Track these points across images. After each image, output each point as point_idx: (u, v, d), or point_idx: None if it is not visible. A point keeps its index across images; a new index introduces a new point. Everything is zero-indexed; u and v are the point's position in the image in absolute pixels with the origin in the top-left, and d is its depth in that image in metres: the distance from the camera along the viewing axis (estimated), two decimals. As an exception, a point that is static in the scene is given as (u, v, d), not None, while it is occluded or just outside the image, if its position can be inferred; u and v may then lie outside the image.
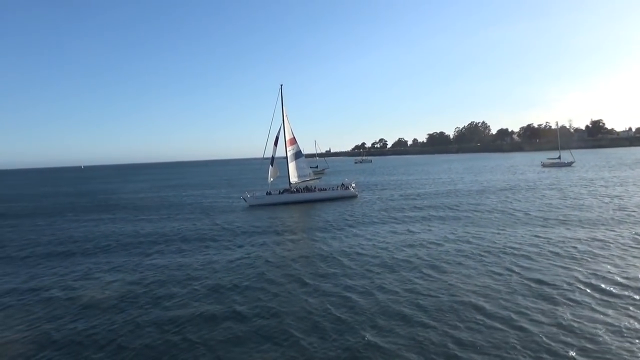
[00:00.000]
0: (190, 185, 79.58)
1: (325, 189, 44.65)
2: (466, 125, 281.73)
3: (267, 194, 43.30)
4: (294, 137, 45.19)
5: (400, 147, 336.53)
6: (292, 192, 43.76)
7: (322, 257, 19.31)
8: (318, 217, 32.42)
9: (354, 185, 46.37)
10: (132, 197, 58.03)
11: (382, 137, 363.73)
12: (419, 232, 24.34)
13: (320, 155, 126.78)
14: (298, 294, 14.54)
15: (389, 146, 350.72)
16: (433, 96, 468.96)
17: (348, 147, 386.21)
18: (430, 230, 24.90)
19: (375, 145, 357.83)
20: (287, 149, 44.51)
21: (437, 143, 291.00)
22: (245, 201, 42.71)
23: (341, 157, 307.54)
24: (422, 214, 31.65)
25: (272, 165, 43.43)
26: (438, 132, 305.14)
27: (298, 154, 45.37)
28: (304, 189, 44.22)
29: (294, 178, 44.88)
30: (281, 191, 43.92)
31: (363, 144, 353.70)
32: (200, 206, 44.00)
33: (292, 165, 44.99)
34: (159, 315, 13.10)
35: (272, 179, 44.10)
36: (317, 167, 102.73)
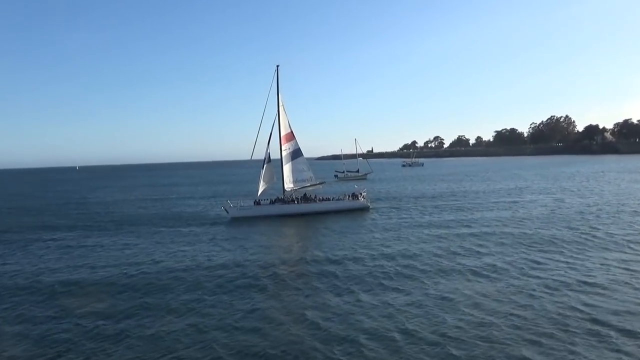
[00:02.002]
0: (179, 192, 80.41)
1: (329, 199, 43.11)
2: (544, 120, 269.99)
3: (254, 203, 41.35)
4: (292, 132, 42.98)
5: (461, 147, 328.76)
6: (286, 202, 41.68)
7: (316, 316, 15.95)
8: (317, 239, 30.31)
9: (364, 194, 44.65)
10: (110, 206, 58.09)
11: (437, 135, 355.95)
12: (459, 257, 23.71)
13: (362, 156, 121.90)
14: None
15: (446, 146, 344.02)
16: (502, 85, 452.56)
17: (395, 147, 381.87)
18: (478, 254, 24.17)
19: (429, 145, 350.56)
20: (282, 147, 42.37)
21: (507, 142, 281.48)
22: (227, 212, 40.80)
23: (386, 159, 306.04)
24: (468, 231, 30.93)
25: (263, 168, 41.60)
26: (508, 128, 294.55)
27: (296, 153, 42.99)
28: (301, 198, 42.21)
29: (289, 184, 42.73)
30: (273, 200, 41.98)
31: (414, 142, 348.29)
32: (176, 217, 43.29)
33: (287, 168, 42.68)
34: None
35: (265, 186, 41.92)
36: (357, 170, 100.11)
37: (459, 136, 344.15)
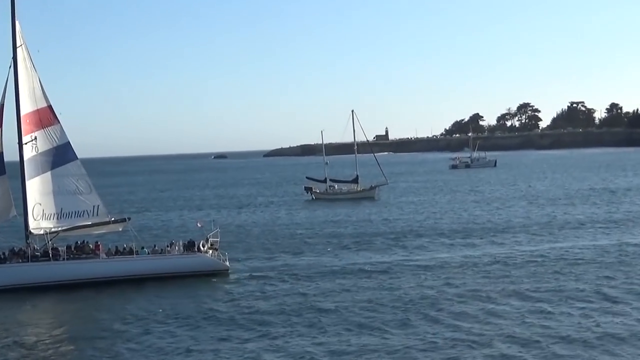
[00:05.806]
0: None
1: (133, 251, 40.72)
2: None
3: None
4: (51, 107, 41.03)
5: (574, 125, 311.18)
6: (36, 257, 39.92)
7: None
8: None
9: (212, 240, 42.68)
10: None
11: (526, 102, 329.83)
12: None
13: (365, 147, 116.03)
14: None
15: (544, 125, 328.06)
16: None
17: (436, 128, 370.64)
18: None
19: (508, 121, 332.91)
20: (23, 140, 40.15)
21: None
22: None
23: (416, 153, 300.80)
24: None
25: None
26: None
27: (60, 155, 41.06)
28: (72, 249, 40.69)
29: (42, 222, 40.72)
30: (5, 255, 39.77)
31: (475, 117, 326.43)
32: None
33: (38, 185, 40.84)
34: None
35: None
36: (355, 179, 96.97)
37: (572, 103, 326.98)
